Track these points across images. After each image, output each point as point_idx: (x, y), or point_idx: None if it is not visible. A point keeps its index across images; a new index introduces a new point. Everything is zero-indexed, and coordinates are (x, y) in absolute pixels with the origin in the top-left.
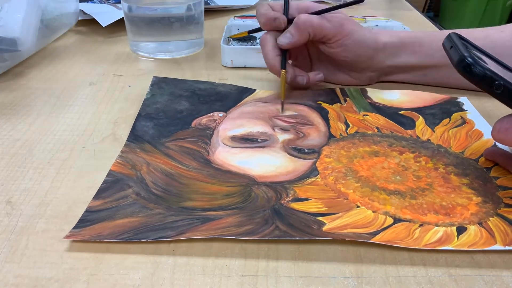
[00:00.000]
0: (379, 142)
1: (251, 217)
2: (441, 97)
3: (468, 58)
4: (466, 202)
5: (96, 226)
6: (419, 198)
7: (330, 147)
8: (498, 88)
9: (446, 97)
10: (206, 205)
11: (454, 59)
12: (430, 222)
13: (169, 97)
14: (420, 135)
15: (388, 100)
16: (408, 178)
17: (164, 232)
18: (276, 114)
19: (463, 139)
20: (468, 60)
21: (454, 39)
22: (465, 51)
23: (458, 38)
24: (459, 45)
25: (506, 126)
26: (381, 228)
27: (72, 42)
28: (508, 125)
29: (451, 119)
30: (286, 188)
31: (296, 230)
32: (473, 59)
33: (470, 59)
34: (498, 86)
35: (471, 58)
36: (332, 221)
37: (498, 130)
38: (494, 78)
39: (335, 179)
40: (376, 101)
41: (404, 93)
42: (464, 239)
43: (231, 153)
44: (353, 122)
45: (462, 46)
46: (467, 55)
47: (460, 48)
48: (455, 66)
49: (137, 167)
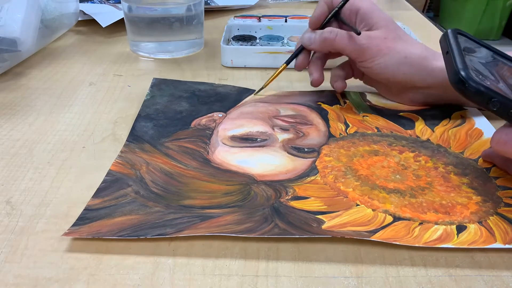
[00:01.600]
0: (379, 142)
1: (250, 215)
2: None
3: (461, 71)
4: (466, 201)
5: (95, 224)
6: (418, 197)
7: (330, 146)
8: (494, 106)
9: None
10: (205, 203)
11: (448, 71)
12: (429, 221)
13: (169, 98)
14: (420, 135)
15: (388, 103)
16: (407, 177)
17: (163, 230)
18: (276, 114)
19: (463, 139)
20: (461, 75)
21: (451, 41)
22: (460, 61)
23: (455, 38)
24: (455, 51)
25: (505, 139)
26: (380, 226)
27: (72, 42)
28: (507, 137)
29: (451, 118)
30: (285, 187)
31: (295, 228)
32: (467, 74)
33: (464, 73)
34: (494, 103)
35: (464, 71)
36: (331, 219)
37: (497, 142)
38: (490, 95)
39: (335, 177)
40: (375, 104)
41: None
42: (464, 237)
43: (231, 152)
44: (353, 122)
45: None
46: (461, 68)
47: (455, 55)
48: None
49: (136, 167)
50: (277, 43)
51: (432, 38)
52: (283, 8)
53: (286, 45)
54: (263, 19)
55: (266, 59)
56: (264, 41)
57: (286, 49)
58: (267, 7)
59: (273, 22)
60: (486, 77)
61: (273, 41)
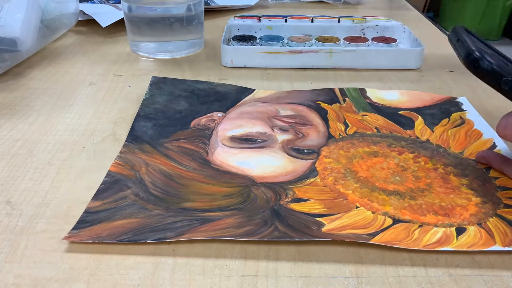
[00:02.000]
0: (378, 143)
1: (250, 218)
2: (440, 97)
3: (475, 52)
4: (466, 203)
5: (95, 227)
6: (418, 199)
7: (329, 147)
8: (506, 84)
9: (445, 97)
10: (205, 206)
11: (461, 53)
12: (429, 223)
13: (168, 97)
14: (419, 135)
15: (388, 100)
16: (407, 179)
17: (163, 233)
18: (275, 114)
19: (462, 139)
20: (475, 55)
21: (460, 32)
22: (473, 45)
23: (464, 31)
24: (466, 39)
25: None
26: (380, 229)
27: (72, 42)
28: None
29: (450, 119)
30: (285, 189)
31: (295, 231)
32: (481, 54)
33: (478, 54)
34: (506, 82)
35: (478, 52)
36: (331, 222)
37: (504, 126)
38: (502, 74)
39: (334, 179)
40: (375, 101)
41: (404, 93)
42: (464, 239)
43: (230, 153)
44: (352, 122)
45: (469, 40)
46: (474, 49)
47: (467, 41)
48: (463, 61)
49: (136, 168)
50: (277, 43)
51: (432, 38)
52: (283, 8)
53: (286, 45)
54: (263, 19)
55: (266, 59)
56: (264, 41)
57: (286, 49)
58: (267, 7)
59: (273, 22)
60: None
61: (273, 41)
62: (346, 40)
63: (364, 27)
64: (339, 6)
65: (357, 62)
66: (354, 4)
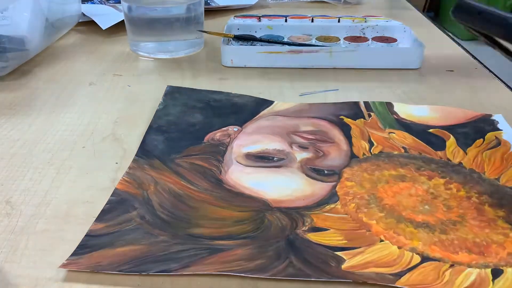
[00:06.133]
0: (406, 165)
1: (263, 249)
2: (474, 114)
3: None
4: (502, 239)
5: (96, 254)
6: (449, 233)
7: (352, 169)
8: None
9: (479, 114)
10: (215, 232)
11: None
12: (462, 262)
13: (182, 108)
14: (451, 157)
15: (417, 116)
16: (437, 208)
17: (167, 265)
18: (295, 130)
19: (498, 163)
20: None
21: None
22: None
23: None
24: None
25: None
26: (407, 267)
27: (72, 42)
28: None
29: (484, 139)
30: (302, 216)
31: (312, 267)
32: None
33: None
34: None
35: None
36: (352, 257)
37: None
38: None
39: (357, 206)
40: (403, 117)
41: (434, 109)
42: (501, 284)
43: (245, 172)
44: (378, 140)
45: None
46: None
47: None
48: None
49: (144, 186)
50: None
51: (432, 38)
52: (283, 8)
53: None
54: (263, 19)
55: (266, 59)
56: None
57: (286, 48)
58: (267, 7)
59: (273, 22)
60: None
61: None
62: (346, 40)
63: (364, 27)
64: (339, 6)
65: (357, 62)
66: (354, 4)
